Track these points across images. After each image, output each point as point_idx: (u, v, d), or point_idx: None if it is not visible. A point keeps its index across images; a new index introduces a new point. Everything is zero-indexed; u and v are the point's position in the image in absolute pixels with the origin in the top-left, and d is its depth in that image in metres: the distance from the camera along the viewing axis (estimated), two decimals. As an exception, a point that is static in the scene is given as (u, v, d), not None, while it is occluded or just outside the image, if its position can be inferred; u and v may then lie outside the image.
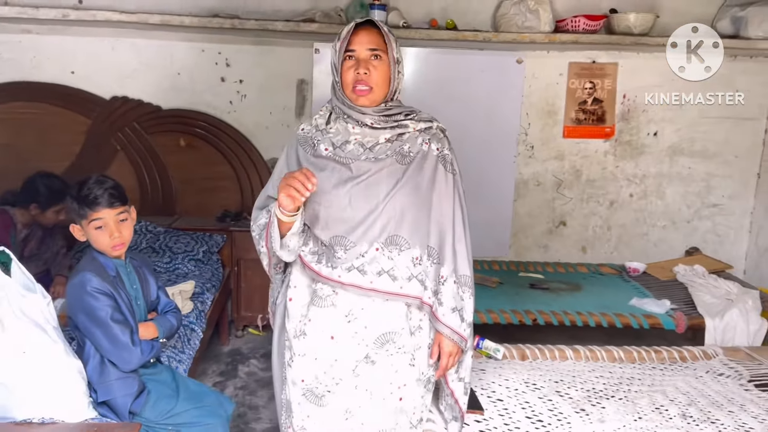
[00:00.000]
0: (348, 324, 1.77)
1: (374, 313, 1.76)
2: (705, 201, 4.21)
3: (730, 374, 2.60)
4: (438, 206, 1.79)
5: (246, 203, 4.00)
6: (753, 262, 4.20)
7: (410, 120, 1.81)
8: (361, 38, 1.74)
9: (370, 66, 1.73)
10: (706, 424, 2.20)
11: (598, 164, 4.13)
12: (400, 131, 1.79)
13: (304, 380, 1.80)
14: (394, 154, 1.77)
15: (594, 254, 4.21)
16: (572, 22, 3.64)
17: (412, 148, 1.79)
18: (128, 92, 3.87)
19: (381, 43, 1.75)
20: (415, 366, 1.82)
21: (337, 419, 1.79)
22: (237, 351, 3.69)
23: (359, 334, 1.77)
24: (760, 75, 4.00)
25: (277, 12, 3.73)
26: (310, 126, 1.86)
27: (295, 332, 1.81)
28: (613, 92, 4.02)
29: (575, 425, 2.14)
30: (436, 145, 1.82)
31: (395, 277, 1.74)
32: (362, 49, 1.74)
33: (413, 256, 1.75)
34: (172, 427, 1.98)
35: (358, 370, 1.78)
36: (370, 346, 1.77)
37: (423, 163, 1.79)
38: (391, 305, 1.77)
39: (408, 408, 1.83)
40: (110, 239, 1.92)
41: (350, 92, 1.75)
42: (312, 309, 1.78)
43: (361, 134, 1.78)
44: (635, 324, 3.10)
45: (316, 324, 1.78)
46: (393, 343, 1.78)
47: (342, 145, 1.78)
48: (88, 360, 1.91)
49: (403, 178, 1.75)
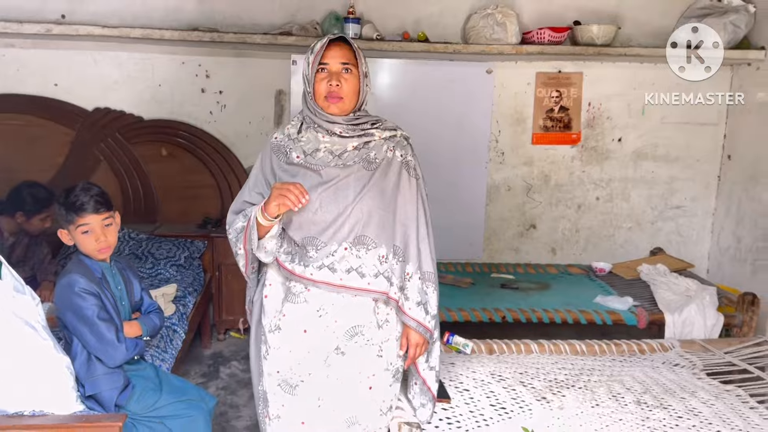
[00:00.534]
0: (319, 318, 1.90)
1: (343, 308, 1.90)
2: (668, 203, 4.38)
3: (685, 364, 2.77)
4: (402, 208, 1.93)
5: (226, 210, 4.06)
6: (715, 261, 4.38)
7: (376, 129, 1.95)
8: (333, 53, 1.88)
9: (341, 78, 1.87)
10: (659, 410, 2.36)
11: (565, 169, 4.30)
12: (366, 139, 1.93)
13: (279, 371, 1.93)
14: (361, 160, 1.91)
15: (563, 255, 4.37)
16: (538, 34, 3.81)
17: (377, 155, 1.93)
18: (110, 103, 3.97)
19: (352, 57, 1.90)
20: (383, 357, 1.97)
21: (310, 407, 1.92)
22: (219, 354, 3.79)
23: (330, 328, 1.91)
24: (717, 82, 4.16)
25: (255, 25, 3.86)
26: (282, 135, 1.99)
27: (270, 327, 1.95)
28: (579, 100, 4.19)
29: (536, 412, 2.29)
30: (400, 152, 1.96)
31: (363, 274, 1.88)
32: (335, 62, 1.88)
33: (379, 255, 1.90)
34: (157, 420, 2.09)
35: (329, 361, 1.92)
36: (340, 339, 1.92)
37: (388, 169, 1.93)
38: (360, 300, 1.91)
39: (377, 396, 1.97)
40: (96, 243, 2.04)
41: (322, 101, 1.89)
42: (286, 305, 1.92)
43: (330, 142, 1.91)
44: (599, 320, 3.25)
45: (290, 318, 1.91)
46: (362, 336, 1.93)
47: (312, 152, 1.91)
48: (75, 356, 2.02)
49: (370, 183, 1.89)
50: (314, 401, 1.93)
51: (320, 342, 1.91)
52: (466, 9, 3.96)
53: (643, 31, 4.09)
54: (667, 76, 4.11)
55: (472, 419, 2.20)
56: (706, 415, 2.33)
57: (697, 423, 2.27)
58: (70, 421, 1.87)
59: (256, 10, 3.89)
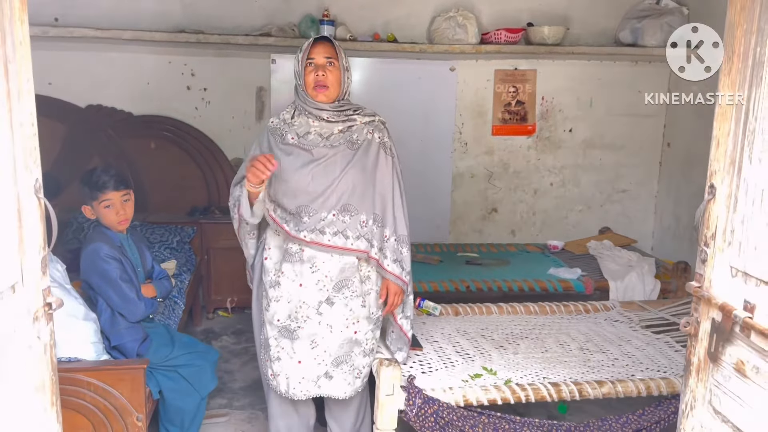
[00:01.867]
0: (312, 274, 2.28)
1: (332, 265, 2.28)
2: (615, 187, 4.83)
3: (624, 320, 3.20)
4: (381, 182, 2.32)
5: (213, 199, 4.44)
6: (658, 239, 4.85)
7: (358, 115, 2.33)
8: (318, 49, 2.25)
9: (326, 70, 2.24)
10: (599, 354, 2.78)
11: (522, 158, 4.71)
12: (350, 124, 2.31)
13: (279, 320, 2.31)
14: (346, 142, 2.29)
15: (522, 236, 4.79)
16: (495, 35, 4.21)
17: (359, 137, 2.31)
18: (102, 101, 4.26)
19: (333, 53, 2.27)
20: (365, 306, 2.35)
21: (305, 347, 2.30)
22: (210, 330, 4.12)
23: (321, 282, 2.29)
24: (657, 78, 4.62)
25: (236, 27, 4.18)
26: (278, 119, 2.37)
27: (270, 283, 2.32)
28: (534, 95, 4.62)
29: (495, 357, 2.68)
30: (378, 134, 2.35)
31: (347, 236, 2.27)
32: (320, 57, 2.24)
33: (361, 220, 2.28)
34: (171, 368, 2.43)
35: (321, 309, 2.30)
36: (330, 291, 2.29)
37: (368, 148, 2.31)
38: (345, 259, 2.29)
39: (361, 339, 2.36)
40: (117, 216, 2.38)
41: (311, 90, 2.25)
42: (284, 264, 2.29)
43: (319, 126, 2.29)
44: (551, 288, 3.67)
45: (288, 275, 2.29)
46: (348, 288, 2.31)
47: (304, 135, 2.29)
48: (101, 313, 2.35)
49: (353, 160, 2.27)
50: (309, 343, 2.30)
51: (313, 294, 2.28)
52: (431, 12, 4.35)
53: (590, 32, 4.52)
54: (611, 72, 4.59)
55: (441, 362, 2.59)
56: (638, 357, 2.76)
57: (630, 363, 2.70)
58: (103, 366, 2.20)
59: (238, 13, 4.21)
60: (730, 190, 1.43)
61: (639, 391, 2.43)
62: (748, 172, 1.38)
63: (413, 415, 2.26)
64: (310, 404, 2.54)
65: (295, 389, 2.32)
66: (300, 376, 2.31)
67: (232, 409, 3.11)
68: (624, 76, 4.64)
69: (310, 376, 2.31)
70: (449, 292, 3.63)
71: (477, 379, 2.48)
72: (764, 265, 1.32)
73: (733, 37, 1.43)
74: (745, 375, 1.36)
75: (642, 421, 2.45)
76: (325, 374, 2.33)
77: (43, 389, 1.31)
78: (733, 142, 1.43)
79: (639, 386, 2.43)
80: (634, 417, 2.46)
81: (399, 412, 2.29)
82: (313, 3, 4.24)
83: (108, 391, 2.18)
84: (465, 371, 2.54)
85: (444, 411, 2.28)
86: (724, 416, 1.43)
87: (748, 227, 1.37)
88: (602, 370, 2.62)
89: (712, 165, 1.50)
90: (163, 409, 2.50)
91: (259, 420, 3.01)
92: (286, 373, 2.31)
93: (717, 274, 1.47)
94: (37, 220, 1.30)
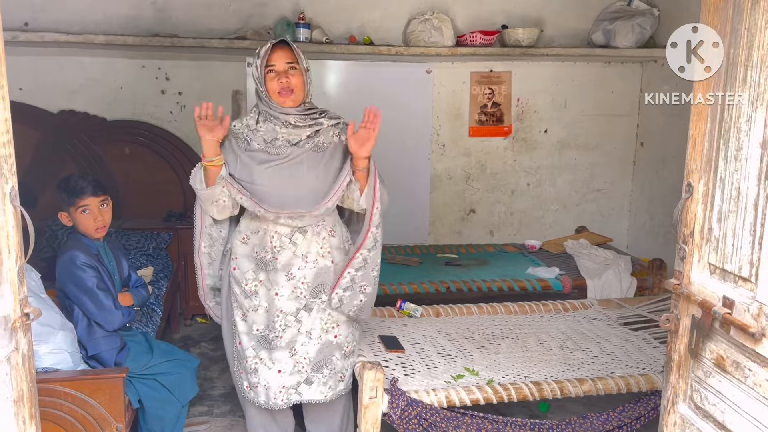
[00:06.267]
0: (288, 282, 2.27)
1: (308, 271, 2.29)
2: (590, 187, 4.89)
3: (602, 318, 3.23)
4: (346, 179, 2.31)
5: (189, 204, 4.36)
6: (633, 237, 4.92)
7: (324, 118, 2.32)
8: (278, 55, 2.22)
9: (289, 75, 2.22)
10: (578, 351, 2.81)
11: (499, 159, 4.75)
12: (317, 128, 2.29)
13: (258, 329, 2.29)
14: (314, 146, 2.27)
15: (500, 236, 4.82)
16: (470, 37, 4.24)
17: (325, 140, 2.30)
18: (75, 106, 4.20)
19: (293, 57, 2.24)
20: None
21: (285, 356, 2.30)
22: (188, 337, 4.07)
23: (298, 289, 2.29)
24: (629, 78, 4.71)
25: (210, 31, 4.15)
26: (240, 124, 2.32)
27: (246, 293, 2.31)
28: (509, 96, 4.66)
29: (476, 357, 2.69)
30: (343, 137, 2.33)
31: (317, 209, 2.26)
32: (281, 63, 2.22)
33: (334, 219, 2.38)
34: (151, 377, 2.39)
35: (299, 317, 2.29)
36: (307, 298, 2.29)
37: (335, 151, 2.31)
38: (320, 263, 2.30)
39: (342, 341, 2.35)
40: (94, 222, 2.34)
41: (277, 96, 2.23)
42: (259, 273, 2.28)
43: (286, 133, 2.27)
44: (530, 287, 3.70)
45: (264, 284, 2.28)
46: (324, 293, 2.31)
47: (272, 141, 2.26)
48: (77, 323, 2.31)
49: (321, 165, 2.27)
50: (288, 352, 2.29)
51: (290, 302, 2.27)
52: (406, 15, 4.36)
53: (563, 33, 4.58)
54: (585, 72, 4.66)
55: (423, 364, 2.59)
56: (617, 354, 2.79)
57: (609, 360, 2.73)
58: (80, 375, 2.16)
59: (212, 16, 4.18)
60: (707, 189, 1.46)
61: (619, 388, 2.46)
62: (723, 170, 1.40)
63: (397, 418, 2.26)
64: (289, 412, 2.52)
65: (276, 399, 2.30)
66: (280, 385, 2.30)
67: (212, 416, 3.07)
68: (597, 76, 4.70)
69: (290, 383, 2.31)
70: (429, 293, 3.64)
71: (459, 379, 2.48)
72: (742, 261, 1.34)
73: (707, 38, 1.45)
74: (725, 370, 1.38)
75: (622, 417, 2.48)
76: (305, 380, 2.32)
77: (22, 401, 1.28)
78: (709, 141, 1.46)
79: (619, 383, 2.47)
80: (615, 414, 2.49)
81: (382, 415, 2.28)
82: (288, 6, 4.23)
83: (86, 402, 2.14)
84: (447, 372, 2.55)
85: (427, 413, 2.28)
86: (705, 411, 1.45)
87: (725, 225, 1.40)
88: (582, 367, 2.65)
89: (689, 164, 1.52)
90: (142, 418, 2.46)
91: (240, 426, 2.98)
92: (265, 384, 2.30)
93: (696, 271, 1.50)
94: (13, 229, 1.27)
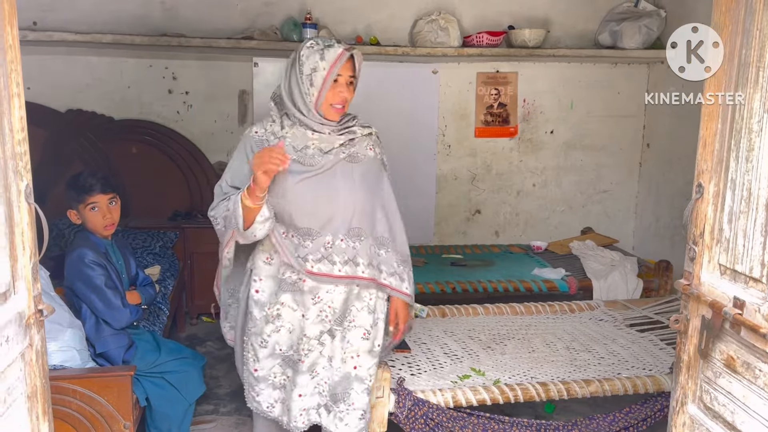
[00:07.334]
0: (314, 305, 2.10)
1: (337, 296, 2.10)
2: (596, 188, 4.88)
3: (608, 319, 3.23)
4: (384, 201, 2.15)
5: (195, 204, 4.40)
6: (639, 238, 4.91)
7: (356, 126, 2.14)
8: (346, 65, 2.01)
9: (348, 89, 2.04)
10: (585, 353, 2.81)
11: (505, 159, 4.75)
12: (350, 136, 2.11)
13: (282, 349, 2.14)
14: (347, 156, 2.09)
15: (505, 237, 4.81)
16: (477, 38, 4.24)
17: (359, 150, 2.12)
18: (82, 105, 4.21)
19: (354, 71, 2.06)
20: (368, 339, 2.15)
21: (306, 379, 2.14)
22: (194, 336, 4.08)
23: (324, 312, 2.11)
24: (635, 79, 4.69)
25: (217, 30, 4.15)
26: (263, 130, 2.10)
27: (267, 318, 2.12)
28: (515, 97, 4.65)
29: (482, 357, 2.70)
30: (378, 150, 2.19)
31: (357, 263, 2.08)
32: (346, 75, 2.02)
33: (368, 245, 2.11)
34: (158, 375, 2.40)
35: (322, 340, 2.14)
36: (332, 322, 2.13)
37: (370, 165, 2.14)
38: (349, 287, 2.11)
39: (363, 375, 2.16)
40: (103, 219, 2.35)
41: (327, 108, 2.03)
42: (282, 295, 2.10)
43: (318, 140, 2.06)
44: (536, 288, 3.70)
45: (288, 305, 2.10)
46: (351, 320, 2.14)
47: (302, 149, 2.05)
48: (85, 321, 2.32)
49: (356, 178, 2.08)
50: (309, 375, 2.14)
51: (315, 325, 2.11)
52: (413, 15, 4.37)
53: (570, 34, 4.58)
54: (591, 74, 4.65)
55: (429, 364, 2.60)
56: (623, 355, 2.79)
57: (615, 362, 2.73)
58: (89, 373, 2.17)
59: (219, 16, 4.18)
60: (718, 189, 1.46)
61: (626, 389, 2.46)
62: (735, 171, 1.40)
63: (403, 417, 2.26)
64: None
65: (296, 422, 2.16)
66: (301, 408, 2.16)
67: (218, 415, 3.08)
68: (603, 77, 4.70)
69: (310, 404, 2.17)
70: (435, 293, 3.64)
71: (466, 379, 2.49)
72: (753, 262, 1.34)
73: (718, 39, 1.45)
74: (735, 371, 1.38)
75: (629, 418, 2.48)
76: (324, 405, 2.18)
77: (36, 397, 1.29)
78: (720, 142, 1.46)
79: (625, 384, 2.46)
80: (621, 415, 2.49)
81: (389, 414, 2.29)
82: (295, 6, 4.24)
83: (94, 399, 2.15)
84: (453, 372, 2.55)
85: (434, 412, 2.28)
86: (715, 412, 1.45)
87: (736, 225, 1.40)
88: (589, 369, 2.65)
89: (700, 164, 1.52)
90: (149, 416, 2.47)
91: (247, 425, 2.98)
92: (288, 405, 2.17)
93: (706, 271, 1.50)
94: (27, 226, 1.28)
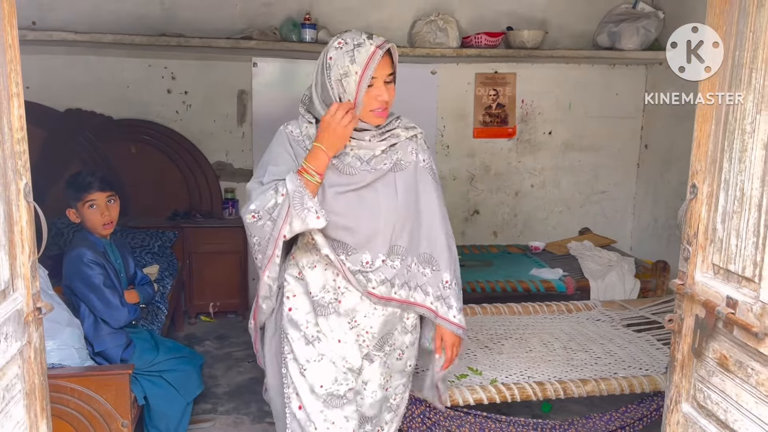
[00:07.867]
0: (351, 330, 1.89)
1: (375, 320, 1.90)
2: (594, 188, 4.89)
3: (605, 319, 3.25)
4: (431, 215, 1.89)
5: (194, 203, 4.41)
6: (637, 239, 4.92)
7: (399, 127, 1.88)
8: (382, 63, 1.75)
9: (388, 90, 1.78)
10: (582, 352, 2.82)
11: (503, 160, 4.76)
12: (392, 141, 1.86)
13: (323, 386, 1.87)
14: (390, 163, 1.85)
15: (503, 237, 4.82)
16: (476, 39, 4.25)
17: (403, 157, 1.87)
18: (81, 105, 4.22)
19: (393, 67, 1.80)
20: (401, 360, 1.99)
21: (351, 415, 1.91)
22: (192, 335, 4.09)
23: (361, 337, 1.91)
24: (633, 80, 4.71)
25: (216, 30, 4.16)
26: (299, 131, 1.88)
27: (307, 339, 1.88)
28: (513, 98, 4.67)
29: (480, 356, 2.71)
30: (422, 156, 1.90)
31: (402, 286, 1.87)
32: (383, 75, 1.76)
33: (408, 264, 1.88)
34: (156, 374, 2.41)
35: (360, 367, 1.94)
36: (371, 347, 1.93)
37: (415, 174, 1.88)
38: (389, 310, 1.90)
39: (390, 394, 2.03)
40: (101, 217, 2.36)
41: (366, 114, 1.79)
42: (319, 318, 1.88)
43: (357, 146, 1.83)
44: (534, 289, 3.71)
45: (326, 331, 1.88)
46: (388, 345, 1.95)
47: (340, 156, 1.82)
48: (83, 319, 2.33)
49: (399, 189, 1.84)
50: (354, 408, 1.92)
51: (353, 351, 1.90)
52: (412, 16, 4.38)
53: (568, 35, 4.59)
54: (589, 75, 4.67)
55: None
56: (620, 355, 2.81)
57: (612, 361, 2.74)
58: (87, 371, 2.18)
59: (218, 16, 4.19)
60: (712, 189, 1.47)
61: (622, 389, 2.47)
62: (728, 171, 1.41)
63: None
64: None
65: None
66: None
67: (217, 414, 3.09)
68: (602, 78, 4.71)
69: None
70: (433, 293, 3.64)
71: (463, 379, 2.50)
72: (745, 262, 1.35)
73: (712, 41, 1.47)
74: (728, 370, 1.39)
75: (625, 418, 2.50)
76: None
77: (34, 394, 1.30)
78: (714, 142, 1.47)
79: (622, 384, 2.48)
80: (618, 414, 2.51)
81: (387, 413, 2.29)
82: (294, 6, 4.25)
83: (92, 398, 2.16)
84: (451, 371, 2.55)
85: (431, 411, 2.29)
86: (708, 410, 1.47)
87: (729, 225, 1.41)
88: (585, 368, 2.67)
89: (694, 165, 1.53)
90: (148, 415, 2.48)
91: (245, 424, 3.00)
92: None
93: (699, 271, 1.51)
94: (26, 225, 1.29)
